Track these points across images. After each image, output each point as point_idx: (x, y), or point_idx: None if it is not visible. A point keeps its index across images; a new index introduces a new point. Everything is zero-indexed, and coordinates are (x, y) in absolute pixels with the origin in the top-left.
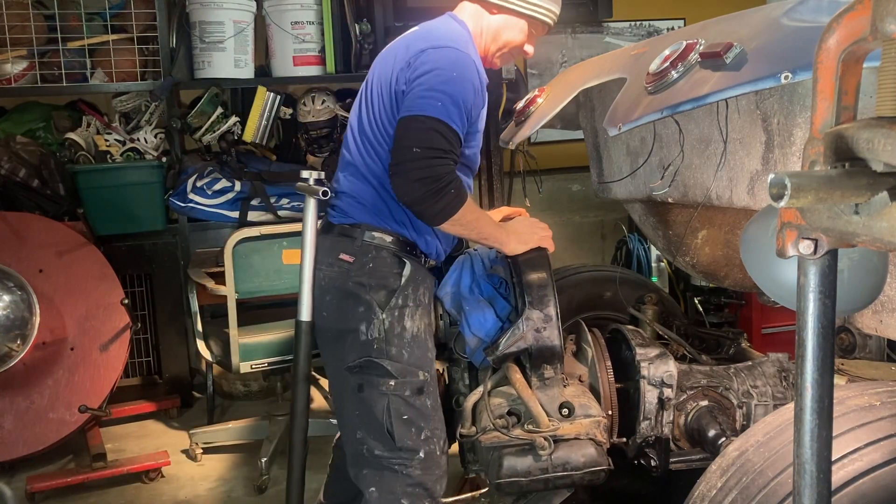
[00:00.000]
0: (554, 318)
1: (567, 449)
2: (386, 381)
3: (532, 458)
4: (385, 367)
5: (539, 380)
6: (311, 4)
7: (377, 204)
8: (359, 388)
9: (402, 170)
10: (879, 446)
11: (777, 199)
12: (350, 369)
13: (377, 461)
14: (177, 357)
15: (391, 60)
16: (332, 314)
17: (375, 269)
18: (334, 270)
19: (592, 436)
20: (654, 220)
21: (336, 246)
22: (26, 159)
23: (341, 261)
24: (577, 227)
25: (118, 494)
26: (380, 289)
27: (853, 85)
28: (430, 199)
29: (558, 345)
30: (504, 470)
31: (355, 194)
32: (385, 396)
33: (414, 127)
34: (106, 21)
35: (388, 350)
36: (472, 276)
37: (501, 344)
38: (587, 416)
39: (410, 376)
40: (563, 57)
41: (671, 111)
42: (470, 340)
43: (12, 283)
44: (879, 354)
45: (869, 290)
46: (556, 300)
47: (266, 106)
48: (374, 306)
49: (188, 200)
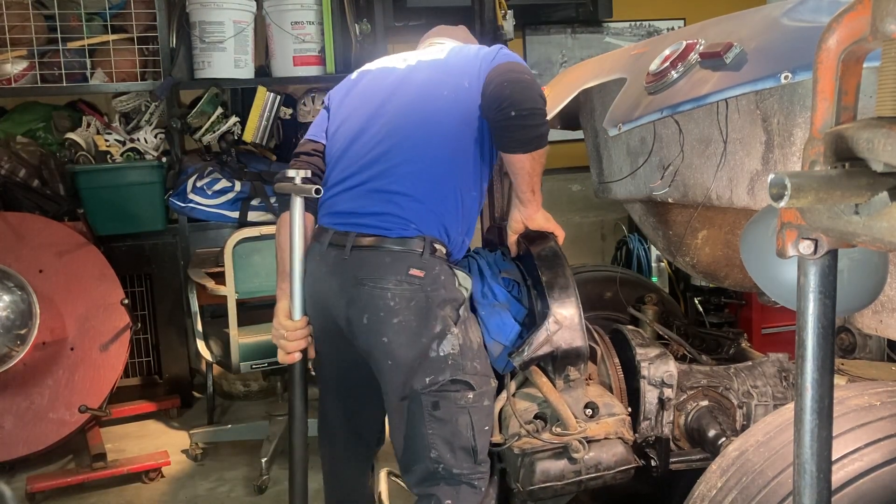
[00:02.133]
0: (578, 319)
1: (598, 449)
2: (465, 394)
3: (565, 462)
4: (467, 382)
5: (564, 382)
6: (311, 4)
7: (431, 217)
8: (434, 405)
9: (520, 89)
10: (879, 446)
11: (777, 200)
12: (423, 389)
13: (455, 478)
14: (177, 357)
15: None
16: (400, 337)
17: (445, 283)
18: (404, 288)
19: (620, 434)
20: (654, 220)
21: (401, 261)
22: (26, 159)
23: (412, 276)
24: (577, 227)
25: (118, 494)
26: (447, 303)
27: (853, 85)
28: (542, 125)
29: (584, 346)
30: (538, 475)
31: (421, 198)
32: (465, 410)
33: (516, 68)
34: (106, 21)
35: (464, 364)
36: (482, 281)
37: (527, 349)
38: (612, 415)
39: (486, 386)
40: (563, 57)
41: (671, 111)
42: (491, 346)
43: (12, 283)
44: (879, 354)
45: (869, 290)
46: (578, 301)
47: (266, 106)
48: (448, 322)
49: (188, 200)
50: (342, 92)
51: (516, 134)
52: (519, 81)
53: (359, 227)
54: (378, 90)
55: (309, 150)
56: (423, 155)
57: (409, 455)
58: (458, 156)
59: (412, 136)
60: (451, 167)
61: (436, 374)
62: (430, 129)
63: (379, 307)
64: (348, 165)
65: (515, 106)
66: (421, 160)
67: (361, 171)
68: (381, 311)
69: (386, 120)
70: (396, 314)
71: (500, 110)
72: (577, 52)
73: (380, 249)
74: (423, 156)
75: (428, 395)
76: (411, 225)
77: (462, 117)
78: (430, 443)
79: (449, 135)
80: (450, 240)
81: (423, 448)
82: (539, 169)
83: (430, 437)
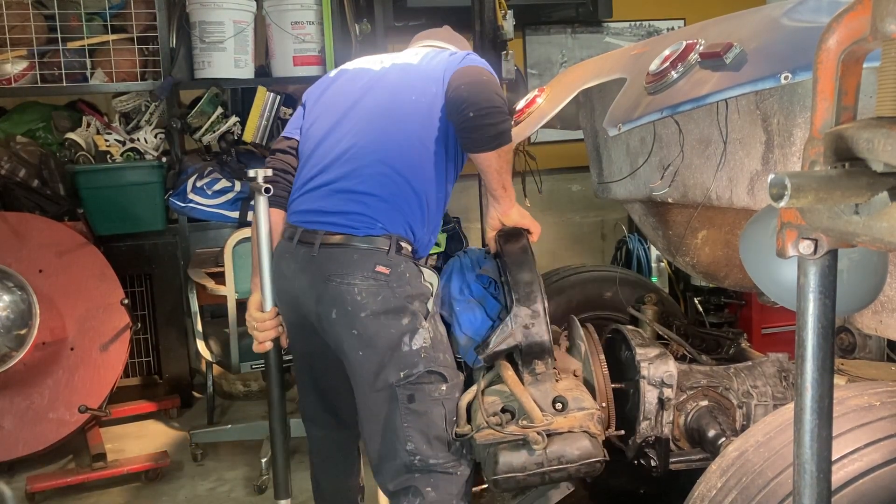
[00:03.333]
0: (541, 313)
1: (562, 442)
2: (439, 386)
3: (527, 453)
4: (440, 373)
5: (531, 375)
6: (311, 4)
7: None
8: (409, 398)
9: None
10: (879, 446)
11: (777, 200)
12: (398, 382)
13: (430, 468)
14: (177, 357)
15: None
16: (370, 329)
17: (411, 280)
18: (370, 283)
19: (586, 428)
20: (654, 220)
21: (367, 258)
22: (26, 159)
23: (379, 273)
24: (577, 227)
25: (118, 494)
26: (415, 298)
27: (853, 85)
28: (502, 122)
29: (547, 340)
30: (500, 466)
31: (387, 198)
32: (439, 402)
33: (474, 71)
34: (106, 21)
35: (436, 357)
36: (461, 279)
37: (491, 342)
38: (581, 409)
39: (456, 378)
40: (563, 57)
41: (671, 111)
42: (461, 340)
43: (12, 283)
44: (879, 354)
45: (869, 291)
46: (543, 296)
47: (266, 106)
48: (418, 317)
49: (188, 200)
50: (319, 90)
51: (477, 133)
52: (475, 84)
53: (327, 226)
54: (351, 91)
55: (284, 148)
56: (389, 157)
57: (384, 449)
58: (424, 158)
59: (379, 139)
60: (416, 169)
61: (410, 368)
62: (397, 131)
63: (346, 301)
64: (316, 164)
65: (473, 106)
66: (387, 162)
67: (328, 171)
68: (349, 306)
69: (355, 121)
70: (364, 308)
71: (460, 112)
72: (577, 52)
73: (347, 247)
74: (389, 158)
75: (403, 387)
76: (378, 224)
77: (427, 121)
78: (407, 435)
79: (413, 137)
80: (415, 238)
81: (399, 441)
82: (506, 166)
83: (406, 429)
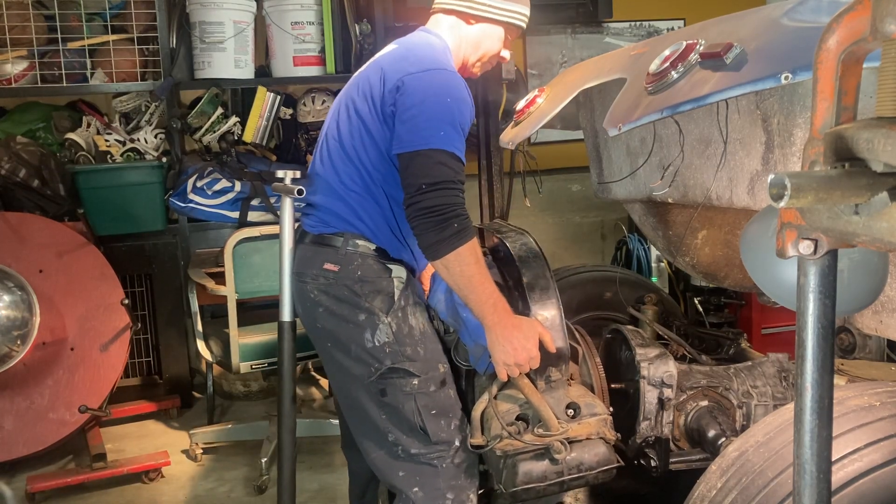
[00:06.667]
0: (558, 320)
1: (580, 450)
2: (409, 381)
3: (547, 463)
4: (406, 369)
5: (545, 383)
6: (311, 4)
7: (351, 217)
8: (381, 392)
9: (412, 203)
10: (879, 446)
11: (777, 200)
12: (369, 378)
13: (414, 459)
14: (177, 357)
15: (377, 80)
16: (329, 325)
17: (365, 276)
18: (321, 282)
19: (602, 434)
20: (654, 220)
21: (318, 256)
22: (26, 159)
23: (326, 271)
24: (577, 227)
25: (118, 494)
26: (376, 294)
27: (853, 85)
28: (431, 229)
29: (565, 346)
30: (520, 477)
31: (331, 207)
32: (411, 396)
33: (419, 162)
34: (106, 21)
35: (402, 351)
36: None
37: None
38: (593, 415)
39: (432, 371)
40: (563, 57)
41: (671, 111)
42: (472, 348)
43: (12, 283)
44: (879, 354)
45: (869, 291)
46: (559, 301)
47: (266, 106)
48: (376, 312)
49: (188, 201)
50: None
51: (423, 248)
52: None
53: (304, 227)
54: (340, 97)
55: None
56: (339, 167)
57: (367, 444)
58: (369, 168)
59: (332, 150)
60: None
61: (376, 363)
62: (343, 145)
63: (305, 299)
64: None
65: (418, 235)
66: (337, 172)
67: (311, 175)
68: (307, 303)
69: (328, 130)
70: (319, 304)
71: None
72: (577, 52)
73: (306, 246)
74: (338, 168)
75: (374, 383)
76: (329, 223)
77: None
78: (386, 427)
79: (357, 151)
80: (377, 237)
81: (379, 433)
82: (469, 271)
83: (384, 421)
